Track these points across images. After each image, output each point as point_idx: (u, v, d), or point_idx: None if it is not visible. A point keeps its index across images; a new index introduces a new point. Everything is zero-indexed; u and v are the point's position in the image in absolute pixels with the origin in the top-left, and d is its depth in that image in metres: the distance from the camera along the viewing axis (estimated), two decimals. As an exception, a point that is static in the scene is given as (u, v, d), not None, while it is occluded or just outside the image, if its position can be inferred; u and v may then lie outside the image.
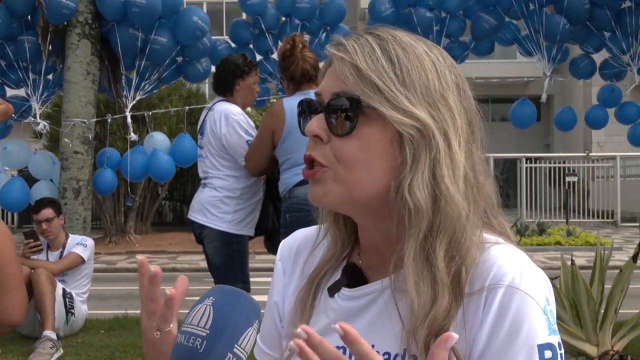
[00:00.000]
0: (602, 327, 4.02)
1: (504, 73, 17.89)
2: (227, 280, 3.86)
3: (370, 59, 0.90)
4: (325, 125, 0.92)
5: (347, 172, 0.91)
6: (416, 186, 0.88)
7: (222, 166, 4.05)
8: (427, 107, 0.90)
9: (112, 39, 6.24)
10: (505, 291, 0.86)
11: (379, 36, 0.94)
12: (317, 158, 0.92)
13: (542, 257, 11.02)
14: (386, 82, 0.89)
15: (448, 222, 0.88)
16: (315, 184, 0.93)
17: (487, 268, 0.89)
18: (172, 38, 6.29)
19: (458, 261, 0.88)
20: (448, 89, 0.92)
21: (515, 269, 0.88)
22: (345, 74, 0.91)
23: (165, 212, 18.45)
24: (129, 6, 5.95)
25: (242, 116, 4.04)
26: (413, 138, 0.89)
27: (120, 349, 5.00)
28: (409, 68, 0.91)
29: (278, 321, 1.10)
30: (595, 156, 18.54)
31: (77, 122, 6.23)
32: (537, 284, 0.88)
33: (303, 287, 1.03)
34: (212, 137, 4.07)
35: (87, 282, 5.66)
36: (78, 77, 6.25)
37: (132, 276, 10.47)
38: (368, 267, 1.00)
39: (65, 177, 6.24)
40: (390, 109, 0.89)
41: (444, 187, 0.88)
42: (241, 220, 4.04)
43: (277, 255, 1.15)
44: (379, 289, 0.95)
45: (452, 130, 0.91)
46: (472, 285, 0.88)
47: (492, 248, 0.91)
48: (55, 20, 6.11)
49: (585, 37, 6.70)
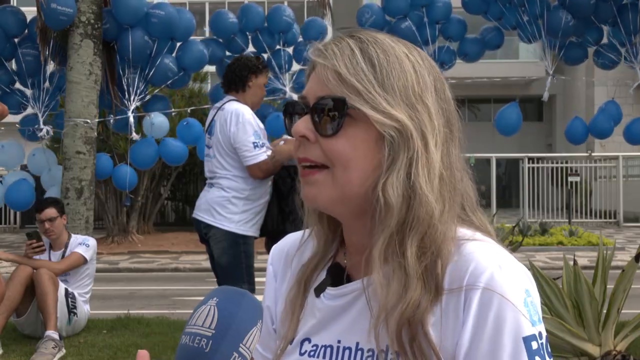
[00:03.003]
0: (604, 327, 4.01)
1: (506, 73, 17.88)
2: (233, 281, 3.86)
3: (350, 63, 0.93)
4: (312, 126, 0.94)
5: (343, 170, 0.93)
6: (390, 184, 0.91)
7: (231, 166, 4.04)
8: (406, 108, 0.93)
9: (122, 42, 6.31)
10: (483, 292, 0.88)
11: (359, 39, 0.96)
12: (313, 159, 0.94)
13: (545, 257, 11.01)
14: (365, 85, 0.92)
15: (420, 220, 0.91)
16: (309, 184, 0.95)
17: (464, 265, 0.90)
18: (177, 63, 6.65)
19: (431, 256, 0.90)
20: (426, 90, 0.95)
21: (492, 266, 0.89)
22: (327, 78, 0.93)
23: (167, 212, 18.46)
24: (149, 15, 6.26)
25: (254, 118, 4.03)
26: (393, 138, 0.92)
27: (122, 349, 5.01)
28: (388, 71, 0.93)
29: (270, 324, 1.13)
30: (598, 156, 18.51)
31: (80, 122, 6.24)
32: (515, 279, 0.89)
33: (292, 288, 1.06)
34: (221, 137, 4.05)
35: (89, 282, 5.66)
36: (80, 77, 6.26)
37: (134, 276, 10.48)
38: (352, 266, 1.02)
39: (67, 177, 6.25)
40: (371, 110, 0.91)
41: (418, 186, 0.91)
42: (248, 220, 4.03)
43: (268, 259, 1.17)
44: (360, 287, 0.97)
45: (429, 130, 0.93)
46: (452, 282, 0.90)
47: (468, 244, 0.92)
48: (54, 26, 6.14)
49: (585, 30, 6.70)
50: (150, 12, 6.31)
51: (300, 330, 1.03)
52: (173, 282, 9.67)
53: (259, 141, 3.96)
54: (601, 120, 6.90)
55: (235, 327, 0.81)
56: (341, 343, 0.98)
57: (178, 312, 6.79)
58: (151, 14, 6.30)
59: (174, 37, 6.57)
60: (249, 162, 3.96)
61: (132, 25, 6.29)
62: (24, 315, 5.24)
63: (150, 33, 6.37)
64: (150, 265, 11.32)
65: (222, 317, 0.80)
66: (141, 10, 6.27)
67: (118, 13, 6.29)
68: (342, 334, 0.98)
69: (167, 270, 11.06)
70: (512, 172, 23.12)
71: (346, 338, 0.97)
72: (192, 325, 0.81)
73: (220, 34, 6.94)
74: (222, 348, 0.79)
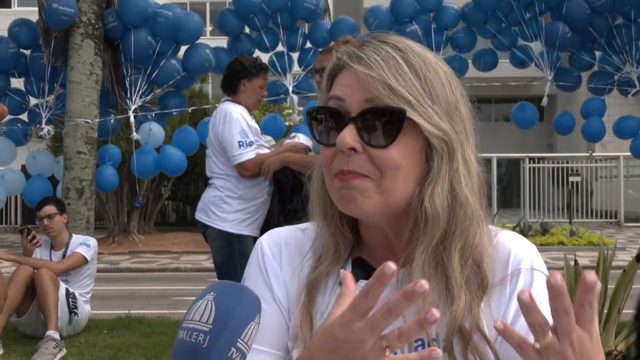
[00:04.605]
0: (605, 328, 4.01)
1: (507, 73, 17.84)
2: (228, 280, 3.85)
3: (398, 74, 0.92)
4: (358, 137, 0.92)
5: (390, 181, 0.92)
6: (437, 195, 0.92)
7: (223, 165, 4.04)
8: (448, 118, 0.94)
9: (126, 42, 6.30)
10: (526, 273, 0.96)
11: (397, 47, 0.94)
12: (359, 171, 0.92)
13: (546, 257, 10.99)
14: (416, 97, 0.92)
15: (463, 228, 0.94)
16: (352, 190, 0.93)
17: (503, 256, 0.98)
18: (182, 65, 6.62)
19: (473, 262, 0.94)
20: (460, 99, 0.97)
21: (527, 250, 0.99)
22: (375, 88, 0.91)
23: (168, 212, 18.45)
24: (155, 15, 6.24)
25: (243, 117, 4.00)
26: (442, 149, 0.93)
27: (123, 349, 5.01)
28: (432, 81, 0.93)
29: (285, 317, 1.06)
30: (599, 156, 18.49)
31: (81, 122, 6.24)
32: (542, 261, 0.99)
33: (304, 292, 1.02)
34: (212, 136, 4.07)
35: (90, 282, 5.67)
36: (81, 77, 6.26)
37: (135, 276, 10.48)
38: (374, 261, 1.02)
39: (68, 177, 6.25)
40: (424, 122, 0.92)
41: (463, 196, 0.93)
42: (243, 220, 4.03)
43: (261, 252, 1.10)
44: (395, 282, 0.96)
45: (466, 139, 0.96)
46: (495, 273, 0.96)
47: (498, 236, 1.00)
48: (55, 27, 6.15)
49: (582, 44, 6.75)
50: (158, 12, 6.30)
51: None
52: (174, 282, 9.67)
53: (246, 140, 3.93)
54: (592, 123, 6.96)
55: (233, 322, 0.80)
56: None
57: (179, 312, 6.79)
58: (159, 13, 6.29)
59: (179, 39, 6.54)
60: (234, 161, 3.96)
61: (137, 25, 6.28)
62: (25, 315, 5.24)
63: (155, 33, 6.35)
64: (151, 265, 11.31)
65: (219, 312, 0.79)
66: (146, 10, 6.26)
67: (124, 12, 6.28)
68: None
69: (168, 270, 11.05)
70: (513, 172, 23.09)
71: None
72: (189, 320, 0.80)
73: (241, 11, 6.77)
74: (219, 343, 0.78)
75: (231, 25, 6.77)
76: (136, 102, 6.44)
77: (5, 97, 6.64)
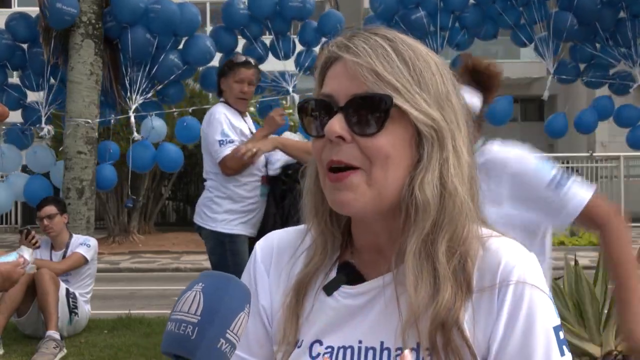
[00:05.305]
0: (605, 328, 4.00)
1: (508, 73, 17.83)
2: None
3: (386, 61, 0.91)
4: (347, 125, 0.91)
5: (381, 171, 0.91)
6: (427, 183, 0.91)
7: (213, 166, 4.06)
8: (438, 107, 0.93)
9: (124, 40, 6.29)
10: (516, 286, 0.91)
11: (386, 37, 0.94)
12: (348, 161, 0.91)
13: (546, 257, 11.00)
14: (404, 84, 0.91)
15: (452, 218, 0.92)
16: (343, 190, 0.92)
17: (494, 261, 0.93)
18: (182, 58, 6.60)
19: (460, 255, 0.92)
20: (452, 90, 0.95)
21: (521, 261, 0.93)
22: (363, 75, 0.91)
23: (168, 212, 18.46)
24: (148, 11, 6.21)
25: (226, 117, 3.99)
26: (432, 137, 0.92)
27: (123, 349, 5.00)
28: (421, 69, 0.93)
29: (267, 324, 1.06)
30: (599, 156, 18.47)
31: (81, 122, 6.24)
32: (540, 274, 0.93)
33: (291, 292, 1.02)
34: (202, 137, 4.12)
35: (90, 282, 5.66)
36: (81, 77, 6.26)
37: (135, 276, 10.48)
38: (362, 265, 1.01)
39: (68, 177, 6.25)
40: (412, 109, 0.91)
41: (452, 185, 0.92)
42: (233, 219, 4.02)
43: (253, 257, 1.10)
44: (381, 285, 0.96)
45: (457, 129, 0.94)
46: (482, 279, 0.92)
47: (492, 240, 0.95)
48: (57, 26, 6.14)
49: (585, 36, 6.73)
50: (149, 7, 6.27)
51: (307, 333, 0.99)
52: (174, 282, 9.66)
53: (226, 139, 3.93)
54: (586, 115, 6.96)
55: (221, 313, 0.79)
56: (363, 343, 0.95)
57: (179, 312, 6.78)
58: (150, 9, 6.26)
59: (176, 32, 6.49)
60: (216, 160, 3.97)
61: (133, 23, 6.27)
62: (25, 315, 5.24)
63: (151, 30, 6.33)
64: (151, 265, 11.32)
65: (207, 303, 0.79)
66: (139, 7, 6.22)
67: (117, 11, 6.27)
68: (363, 333, 0.96)
69: (168, 270, 11.05)
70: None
71: (368, 338, 0.95)
72: (177, 312, 0.79)
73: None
74: (208, 334, 0.78)
75: (227, 42, 6.88)
76: (137, 100, 6.43)
77: (3, 92, 6.64)
